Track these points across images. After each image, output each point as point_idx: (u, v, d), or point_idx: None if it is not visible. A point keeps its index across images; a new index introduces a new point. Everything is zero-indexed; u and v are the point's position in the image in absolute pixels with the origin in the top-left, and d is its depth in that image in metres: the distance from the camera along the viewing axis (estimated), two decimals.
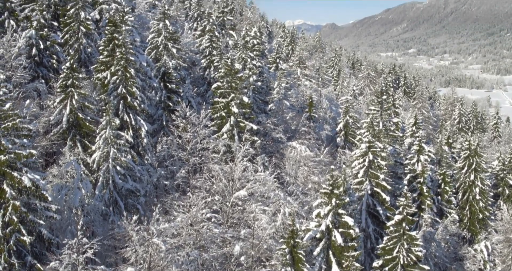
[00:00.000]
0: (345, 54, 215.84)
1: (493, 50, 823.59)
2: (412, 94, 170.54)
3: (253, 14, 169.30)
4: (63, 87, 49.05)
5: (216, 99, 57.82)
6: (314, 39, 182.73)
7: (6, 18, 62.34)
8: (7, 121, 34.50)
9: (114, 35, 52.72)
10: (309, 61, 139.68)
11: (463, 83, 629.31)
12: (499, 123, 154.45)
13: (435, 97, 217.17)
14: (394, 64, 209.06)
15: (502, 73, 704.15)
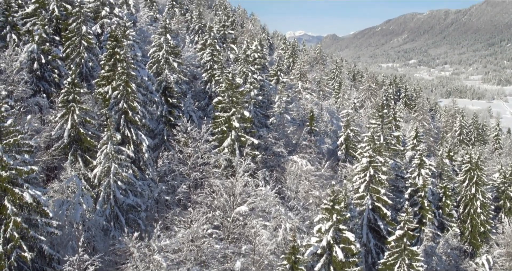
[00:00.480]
0: (346, 66, 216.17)
1: (494, 61, 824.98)
2: (413, 106, 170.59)
3: (254, 26, 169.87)
4: (64, 102, 49.13)
5: (217, 113, 57.88)
6: (315, 51, 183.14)
7: (8, 32, 62.44)
8: (9, 137, 34.54)
9: (116, 50, 52.84)
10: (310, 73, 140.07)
11: (464, 94, 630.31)
12: (500, 135, 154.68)
13: (436, 108, 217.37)
14: (395, 76, 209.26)
15: (503, 83, 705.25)
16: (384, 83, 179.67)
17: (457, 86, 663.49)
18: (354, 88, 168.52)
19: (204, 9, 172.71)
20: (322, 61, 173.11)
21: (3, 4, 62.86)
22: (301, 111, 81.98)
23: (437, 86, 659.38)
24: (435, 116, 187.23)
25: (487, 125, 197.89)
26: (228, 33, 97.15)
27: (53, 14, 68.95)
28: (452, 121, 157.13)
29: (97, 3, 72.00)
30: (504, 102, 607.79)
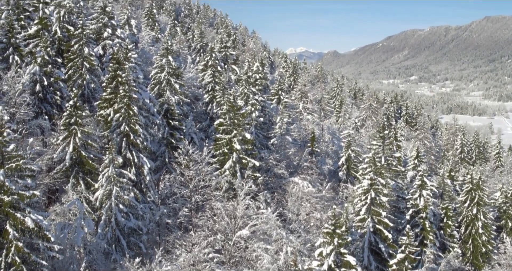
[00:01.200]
0: (347, 84, 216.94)
1: (495, 77, 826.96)
2: (414, 124, 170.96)
3: (255, 44, 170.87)
4: (66, 125, 49.24)
5: (219, 135, 58.03)
6: (316, 69, 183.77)
7: (10, 53, 62.74)
8: (11, 162, 34.65)
9: (118, 72, 53.08)
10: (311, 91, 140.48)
11: (465, 110, 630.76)
12: (501, 153, 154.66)
13: (437, 125, 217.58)
14: (396, 94, 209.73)
15: (504, 99, 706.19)
16: (385, 101, 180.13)
17: (458, 102, 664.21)
18: (355, 106, 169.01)
19: (206, 27, 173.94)
20: (323, 79, 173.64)
21: (5, 25, 63.22)
22: (302, 132, 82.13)
23: (438, 102, 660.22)
24: (436, 133, 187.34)
25: (489, 142, 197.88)
26: (229, 54, 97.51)
27: (56, 35, 69.46)
28: (453, 139, 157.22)
29: (99, 24, 72.42)
30: (505, 118, 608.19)
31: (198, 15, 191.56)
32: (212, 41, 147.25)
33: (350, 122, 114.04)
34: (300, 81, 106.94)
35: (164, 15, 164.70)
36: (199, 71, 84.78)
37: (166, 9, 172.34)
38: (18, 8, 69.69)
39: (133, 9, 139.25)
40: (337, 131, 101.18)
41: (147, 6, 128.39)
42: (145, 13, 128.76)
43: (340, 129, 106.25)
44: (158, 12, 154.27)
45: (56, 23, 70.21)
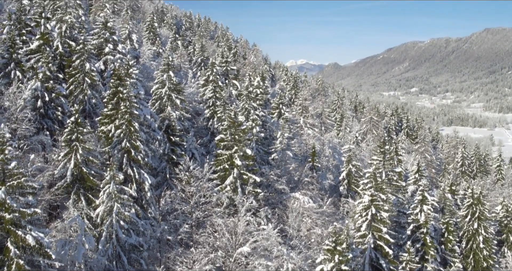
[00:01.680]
0: (348, 96, 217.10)
1: (495, 88, 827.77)
2: (414, 137, 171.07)
3: (256, 57, 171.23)
4: (67, 141, 49.31)
5: (220, 151, 58.07)
6: (316, 82, 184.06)
7: (12, 69, 63.02)
8: (12, 179, 34.73)
9: (119, 88, 53.19)
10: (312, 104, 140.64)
11: (466, 122, 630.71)
12: (502, 165, 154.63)
13: (437, 138, 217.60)
14: (396, 107, 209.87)
15: (504, 111, 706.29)
16: (386, 114, 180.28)
17: (458, 114, 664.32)
18: (356, 119, 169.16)
19: (207, 40, 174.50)
20: (324, 92, 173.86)
21: (7, 41, 63.46)
22: (303, 147, 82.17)
23: (438, 114, 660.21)
24: (437, 146, 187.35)
25: (489, 154, 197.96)
26: (230, 68, 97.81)
27: (57, 50, 69.80)
28: (454, 152, 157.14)
29: (100, 40, 72.70)
30: (506, 130, 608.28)
31: (199, 29, 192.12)
32: (213, 54, 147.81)
33: (351, 136, 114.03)
34: (301, 95, 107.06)
35: (165, 28, 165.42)
36: (200, 86, 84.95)
37: (167, 22, 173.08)
38: (20, 23, 70.00)
39: (134, 22, 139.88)
40: (337, 145, 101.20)
41: (148, 20, 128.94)
42: (146, 26, 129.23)
43: (340, 144, 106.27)
44: (159, 26, 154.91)
45: (58, 38, 70.55)
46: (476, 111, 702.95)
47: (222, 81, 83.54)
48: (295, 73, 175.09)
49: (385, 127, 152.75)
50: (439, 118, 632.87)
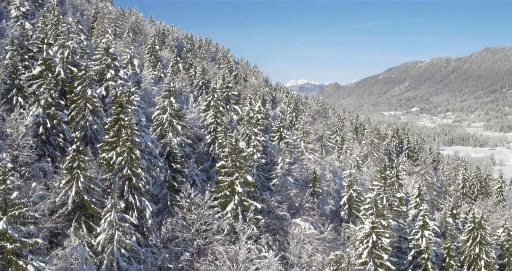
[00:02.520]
0: (348, 118, 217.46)
1: (496, 108, 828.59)
2: (415, 158, 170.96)
3: (257, 78, 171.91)
4: (69, 169, 49.45)
5: (220, 178, 58.12)
6: (317, 104, 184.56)
7: (14, 94, 63.31)
8: (14, 209, 34.89)
9: (120, 116, 53.47)
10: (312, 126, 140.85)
11: (466, 141, 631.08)
12: (503, 187, 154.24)
13: (438, 158, 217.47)
14: (397, 128, 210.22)
15: (505, 130, 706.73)
16: (387, 135, 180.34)
17: (459, 134, 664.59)
18: (356, 141, 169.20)
19: (208, 61, 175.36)
20: (325, 114, 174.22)
21: (10, 66, 63.80)
22: (304, 172, 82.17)
23: (439, 134, 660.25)
24: (438, 167, 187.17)
25: (491, 174, 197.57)
26: (231, 94, 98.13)
27: (59, 76, 70.11)
28: (455, 174, 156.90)
29: (102, 65, 73.07)
30: (507, 149, 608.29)
31: (201, 50, 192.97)
32: (214, 77, 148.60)
33: (351, 160, 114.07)
34: (302, 120, 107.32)
35: (166, 50, 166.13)
36: (201, 111, 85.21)
37: (168, 44, 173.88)
38: (22, 48, 70.49)
39: (136, 45, 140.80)
40: (338, 169, 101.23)
41: (150, 43, 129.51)
42: (147, 49, 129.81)
43: (341, 167, 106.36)
44: (160, 48, 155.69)
45: (60, 64, 70.95)
46: (477, 131, 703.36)
47: (223, 106, 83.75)
48: (296, 95, 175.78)
49: (385, 149, 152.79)
50: (440, 138, 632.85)
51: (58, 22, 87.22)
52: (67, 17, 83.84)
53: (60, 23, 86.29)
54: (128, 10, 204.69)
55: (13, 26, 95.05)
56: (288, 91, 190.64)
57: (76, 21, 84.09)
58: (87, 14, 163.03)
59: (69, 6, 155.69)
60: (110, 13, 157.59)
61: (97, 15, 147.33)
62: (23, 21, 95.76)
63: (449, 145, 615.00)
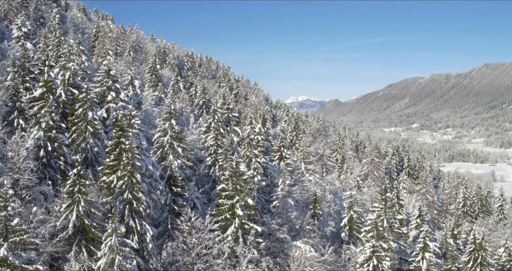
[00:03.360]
0: (349, 136, 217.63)
1: (496, 123, 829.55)
2: (416, 176, 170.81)
3: (257, 96, 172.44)
4: (69, 193, 49.56)
5: (221, 201, 58.07)
6: (317, 122, 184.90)
7: (15, 117, 63.49)
8: (15, 236, 35.01)
9: (121, 139, 53.60)
10: (313, 145, 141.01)
11: (467, 157, 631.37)
12: (504, 205, 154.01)
13: (439, 176, 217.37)
14: (397, 146, 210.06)
15: (505, 146, 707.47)
16: (387, 153, 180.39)
17: (460, 150, 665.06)
18: (357, 159, 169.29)
19: (208, 79, 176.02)
20: (325, 132, 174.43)
21: (11, 89, 64.02)
22: (305, 193, 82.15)
23: (439, 150, 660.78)
24: (439, 185, 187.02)
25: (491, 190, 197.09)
26: (232, 115, 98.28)
27: (60, 98, 70.25)
28: (456, 192, 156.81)
29: (103, 88, 73.26)
30: (507, 165, 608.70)
31: (201, 69, 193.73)
32: (215, 95, 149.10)
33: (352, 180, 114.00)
34: (302, 141, 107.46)
35: (167, 69, 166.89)
36: (202, 133, 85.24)
37: (169, 63, 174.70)
38: (23, 70, 70.66)
39: (136, 64, 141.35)
40: (339, 190, 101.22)
41: (151, 62, 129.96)
42: (148, 69, 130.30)
43: (342, 188, 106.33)
44: (161, 67, 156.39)
45: (61, 86, 71.11)
46: (477, 147, 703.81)
47: (223, 128, 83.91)
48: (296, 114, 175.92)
49: (386, 167, 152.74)
50: (440, 155, 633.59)
51: (60, 44, 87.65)
52: (69, 39, 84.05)
53: (62, 45, 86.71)
54: (129, 28, 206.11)
55: (15, 46, 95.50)
56: (289, 109, 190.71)
57: (78, 42, 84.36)
58: (88, 32, 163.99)
59: (70, 25, 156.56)
60: (111, 32, 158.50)
61: (98, 35, 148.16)
62: (25, 42, 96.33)
63: (449, 161, 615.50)
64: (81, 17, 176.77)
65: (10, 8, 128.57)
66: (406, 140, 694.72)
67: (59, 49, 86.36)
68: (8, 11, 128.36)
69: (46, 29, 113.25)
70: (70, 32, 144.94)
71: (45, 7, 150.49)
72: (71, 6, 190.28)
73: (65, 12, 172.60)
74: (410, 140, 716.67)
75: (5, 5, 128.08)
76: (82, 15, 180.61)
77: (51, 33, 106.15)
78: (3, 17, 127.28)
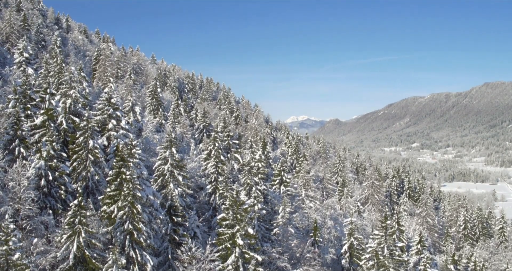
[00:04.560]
0: (349, 157, 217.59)
1: (496, 142, 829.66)
2: (416, 199, 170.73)
3: (257, 119, 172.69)
4: (70, 224, 49.62)
5: (221, 230, 58.07)
6: (317, 144, 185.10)
7: (16, 145, 63.52)
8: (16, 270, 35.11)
9: (122, 169, 53.76)
10: (313, 167, 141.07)
11: (468, 177, 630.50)
12: (505, 227, 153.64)
13: (440, 196, 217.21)
14: (398, 168, 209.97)
15: (506, 165, 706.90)
16: (387, 175, 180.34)
17: (460, 169, 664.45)
18: (357, 181, 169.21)
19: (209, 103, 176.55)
20: (325, 154, 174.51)
21: (13, 117, 64.19)
22: (305, 221, 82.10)
23: (440, 170, 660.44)
24: (439, 206, 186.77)
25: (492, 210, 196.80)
26: (232, 142, 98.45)
27: (61, 126, 70.54)
28: (456, 215, 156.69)
29: (104, 116, 73.53)
30: (508, 184, 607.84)
31: (202, 91, 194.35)
32: (215, 118, 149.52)
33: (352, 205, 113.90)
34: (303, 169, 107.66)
35: (168, 92, 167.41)
36: (202, 160, 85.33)
37: (169, 85, 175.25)
38: (25, 97, 71.00)
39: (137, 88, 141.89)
40: (339, 216, 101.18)
41: (152, 86, 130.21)
42: (149, 92, 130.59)
43: (342, 214, 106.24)
44: (162, 90, 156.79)
45: (62, 114, 71.46)
46: (478, 166, 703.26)
47: (224, 155, 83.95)
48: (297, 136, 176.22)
49: (386, 190, 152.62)
50: (441, 174, 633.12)
51: (61, 70, 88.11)
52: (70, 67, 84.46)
53: (63, 72, 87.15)
54: (129, 50, 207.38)
55: (16, 71, 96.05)
56: (289, 132, 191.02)
57: (79, 68, 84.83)
58: (89, 55, 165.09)
59: (71, 48, 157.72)
60: (112, 54, 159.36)
61: (99, 58, 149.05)
62: (26, 67, 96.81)
63: (450, 181, 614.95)
64: (82, 39, 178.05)
65: (12, 31, 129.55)
66: (407, 159, 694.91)
67: (61, 76, 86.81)
68: (10, 34, 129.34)
69: (47, 55, 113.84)
70: (71, 55, 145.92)
71: (46, 30, 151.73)
72: (73, 28, 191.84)
73: (66, 34, 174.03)
74: (410, 159, 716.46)
75: (7, 28, 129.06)
76: (83, 37, 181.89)
77: (52, 58, 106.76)
78: (5, 40, 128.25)
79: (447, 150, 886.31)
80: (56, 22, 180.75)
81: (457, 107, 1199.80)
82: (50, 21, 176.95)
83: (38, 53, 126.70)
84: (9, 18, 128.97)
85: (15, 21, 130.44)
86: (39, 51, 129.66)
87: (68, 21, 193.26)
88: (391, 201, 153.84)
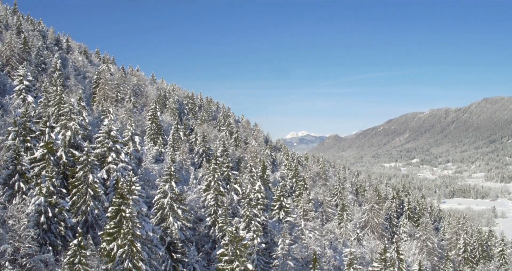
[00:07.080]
0: (349, 177, 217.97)
1: (496, 158, 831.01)
2: (416, 219, 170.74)
3: (256, 139, 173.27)
4: (70, 264, 49.74)
5: (221, 265, 58.24)
6: (317, 165, 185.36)
7: (16, 180, 63.60)
8: None
9: (122, 207, 53.94)
10: (313, 189, 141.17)
11: (468, 193, 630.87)
12: (505, 250, 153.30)
13: (440, 215, 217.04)
14: (398, 189, 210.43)
15: (506, 181, 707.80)
16: (387, 196, 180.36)
17: (460, 186, 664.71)
18: (357, 203, 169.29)
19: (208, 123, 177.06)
20: (325, 176, 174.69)
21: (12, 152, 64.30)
22: (304, 252, 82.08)
23: (440, 186, 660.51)
24: (439, 227, 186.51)
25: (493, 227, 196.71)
26: (231, 173, 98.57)
27: (61, 160, 70.78)
28: (456, 238, 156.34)
29: (103, 148, 73.69)
30: (508, 201, 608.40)
31: (201, 112, 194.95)
32: (215, 140, 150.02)
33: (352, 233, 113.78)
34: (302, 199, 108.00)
35: (167, 114, 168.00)
36: (202, 191, 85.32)
37: (169, 107, 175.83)
38: (25, 129, 71.15)
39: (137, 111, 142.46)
40: (339, 245, 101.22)
41: (152, 108, 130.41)
42: (149, 116, 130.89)
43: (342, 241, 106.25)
44: (161, 112, 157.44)
45: (62, 147, 71.70)
46: (478, 182, 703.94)
47: (223, 186, 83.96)
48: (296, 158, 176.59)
49: (386, 213, 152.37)
50: (441, 191, 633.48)
51: (61, 101, 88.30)
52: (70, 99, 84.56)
53: (63, 103, 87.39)
54: (129, 69, 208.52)
55: (16, 99, 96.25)
56: (289, 153, 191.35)
57: (78, 98, 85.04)
58: (89, 76, 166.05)
59: (71, 70, 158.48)
60: (112, 76, 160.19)
61: (99, 81, 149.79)
62: (26, 95, 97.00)
63: (450, 197, 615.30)
64: (82, 60, 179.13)
65: (12, 54, 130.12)
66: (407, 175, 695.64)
67: (60, 107, 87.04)
68: (10, 57, 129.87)
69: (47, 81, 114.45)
70: (71, 77, 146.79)
71: (46, 52, 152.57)
72: (73, 48, 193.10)
73: (66, 55, 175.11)
74: (410, 175, 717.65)
75: (7, 51, 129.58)
76: (83, 58, 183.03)
77: (52, 86, 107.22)
78: (5, 63, 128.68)
79: (447, 166, 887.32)
80: (57, 42, 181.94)
81: (457, 122, 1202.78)
82: (51, 41, 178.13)
83: (38, 76, 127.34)
84: (10, 41, 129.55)
85: (15, 44, 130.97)
86: (39, 74, 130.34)
87: (68, 41, 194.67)
88: (390, 224, 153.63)
